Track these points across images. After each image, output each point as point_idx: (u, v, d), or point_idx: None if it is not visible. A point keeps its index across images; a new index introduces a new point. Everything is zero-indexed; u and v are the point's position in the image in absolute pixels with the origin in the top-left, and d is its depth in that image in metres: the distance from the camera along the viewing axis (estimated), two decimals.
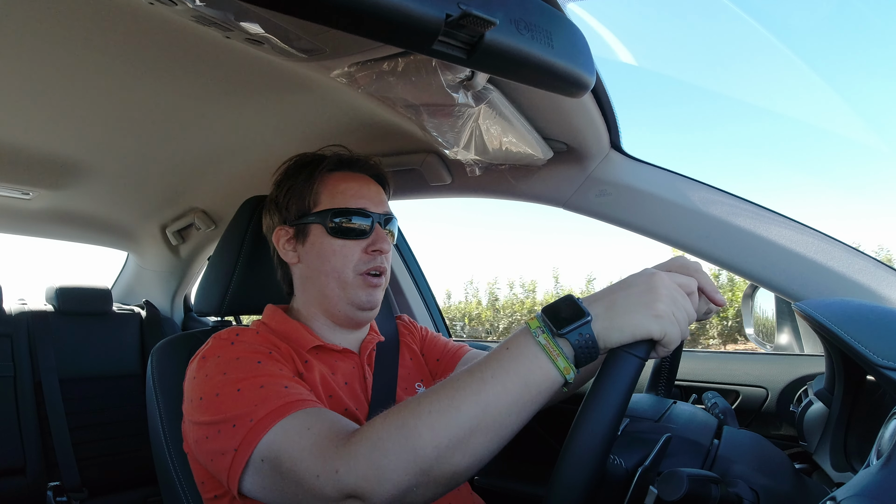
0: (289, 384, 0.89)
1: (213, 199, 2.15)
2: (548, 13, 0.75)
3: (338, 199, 1.11)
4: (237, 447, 0.81)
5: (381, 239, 1.11)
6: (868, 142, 27.65)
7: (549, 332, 0.70)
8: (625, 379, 0.66)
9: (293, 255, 1.14)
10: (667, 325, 0.68)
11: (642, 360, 0.68)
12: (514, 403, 0.69)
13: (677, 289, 0.72)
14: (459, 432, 0.69)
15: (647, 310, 0.68)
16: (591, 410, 0.65)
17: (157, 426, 1.12)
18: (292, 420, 0.81)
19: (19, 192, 1.98)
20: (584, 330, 0.69)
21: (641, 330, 0.68)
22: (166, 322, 2.70)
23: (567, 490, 0.64)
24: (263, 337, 1.02)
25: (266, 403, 0.83)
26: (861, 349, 0.75)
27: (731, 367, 1.57)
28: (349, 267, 1.08)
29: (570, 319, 0.69)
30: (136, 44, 1.05)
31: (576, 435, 0.65)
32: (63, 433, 2.22)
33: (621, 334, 0.68)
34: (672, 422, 0.92)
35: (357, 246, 1.09)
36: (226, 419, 0.84)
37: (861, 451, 0.94)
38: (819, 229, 1.20)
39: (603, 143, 1.32)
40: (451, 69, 0.95)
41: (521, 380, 0.69)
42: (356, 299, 1.09)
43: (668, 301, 0.70)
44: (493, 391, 0.69)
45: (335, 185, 1.12)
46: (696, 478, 0.67)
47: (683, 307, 0.71)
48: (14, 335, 2.28)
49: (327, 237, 1.09)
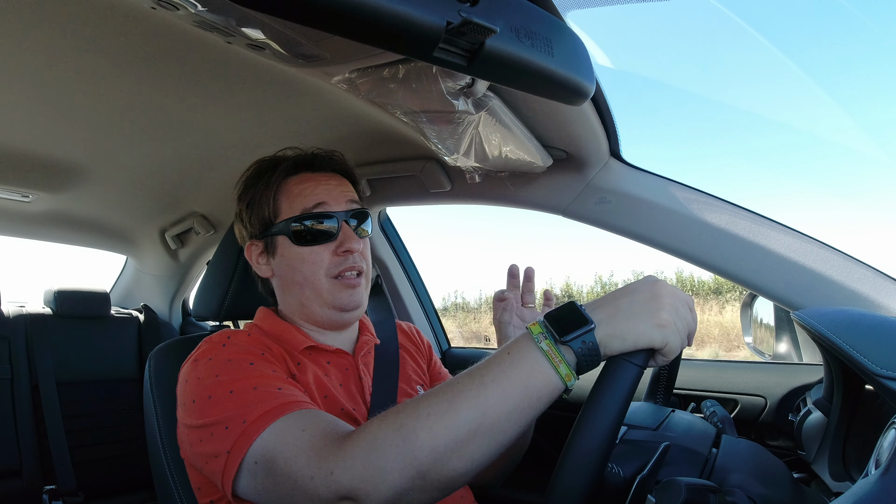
0: (282, 385, 0.88)
1: (212, 204, 2.16)
2: (548, 21, 0.76)
3: (297, 203, 1.06)
4: (230, 449, 0.80)
5: (350, 238, 1.06)
6: (864, 149, 27.72)
7: (552, 339, 0.69)
8: (624, 387, 0.66)
9: (266, 268, 1.11)
10: (669, 334, 0.68)
11: (641, 368, 0.68)
12: (514, 409, 0.68)
13: (680, 298, 0.72)
14: (458, 436, 0.68)
15: (651, 318, 0.68)
16: (590, 419, 0.65)
17: (153, 431, 1.12)
18: (286, 421, 0.80)
19: (19, 195, 1.98)
20: (587, 338, 0.68)
21: (644, 339, 0.67)
22: (164, 326, 2.69)
23: (565, 498, 0.63)
24: (255, 338, 1.01)
25: (259, 405, 0.82)
26: (860, 358, 0.75)
27: (729, 376, 1.57)
28: (320, 273, 1.05)
29: (574, 326, 0.68)
30: (137, 48, 1.05)
31: (574, 443, 0.65)
32: (60, 436, 2.22)
33: (623, 343, 0.68)
34: (670, 430, 0.92)
35: (325, 250, 1.05)
36: (218, 421, 0.83)
37: (859, 460, 0.94)
38: (818, 238, 1.20)
39: (602, 150, 1.32)
40: (451, 76, 0.96)
41: (522, 385, 0.68)
42: (336, 302, 1.06)
43: (671, 310, 0.69)
44: (493, 396, 0.68)
45: (293, 190, 1.07)
46: (693, 487, 0.67)
47: (685, 317, 0.71)
48: (12, 338, 2.27)
49: (293, 246, 1.05)
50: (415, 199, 1.71)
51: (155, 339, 2.57)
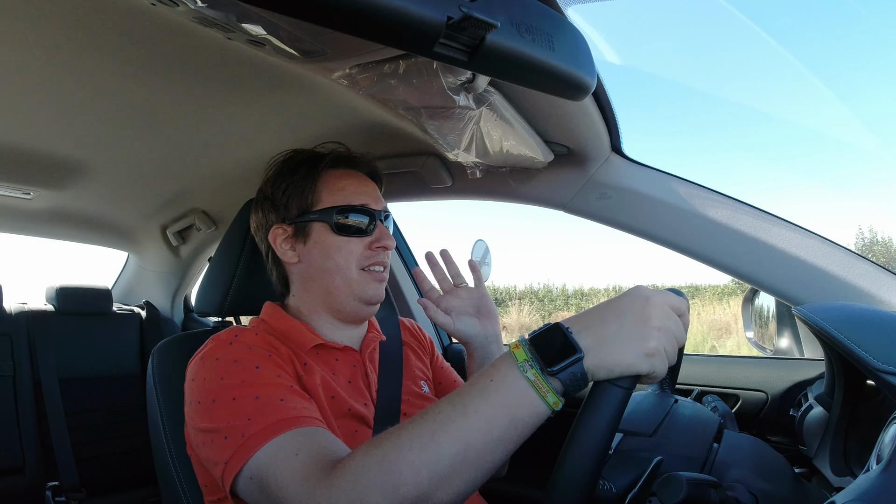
0: (285, 396, 0.88)
1: (213, 200, 2.15)
2: (549, 16, 0.75)
3: (339, 196, 1.11)
4: (227, 461, 0.81)
5: (385, 235, 1.13)
6: (862, 142, 27.71)
7: (539, 368, 0.66)
8: (611, 411, 0.65)
9: (292, 254, 1.13)
10: (656, 363, 0.66)
11: (629, 390, 0.66)
12: (499, 439, 0.66)
13: (670, 314, 0.69)
14: (442, 470, 0.66)
15: (639, 347, 0.65)
16: (578, 443, 0.64)
17: (157, 426, 1.12)
18: (282, 442, 0.80)
19: (20, 192, 1.98)
20: (575, 368, 0.65)
21: (632, 369, 0.65)
22: (166, 322, 2.70)
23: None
24: (262, 338, 1.01)
25: (259, 418, 0.82)
26: (861, 353, 0.75)
27: (730, 371, 1.57)
28: (352, 263, 1.09)
29: (561, 355, 0.66)
30: (137, 44, 1.05)
31: (563, 468, 0.64)
32: (62, 433, 2.23)
33: (610, 373, 0.65)
34: (667, 436, 0.91)
35: (360, 242, 1.11)
36: (219, 429, 0.84)
37: (861, 455, 0.94)
38: (819, 233, 1.20)
39: (604, 145, 1.32)
40: (452, 71, 0.95)
41: (508, 416, 0.66)
42: (362, 294, 1.10)
43: (660, 335, 0.66)
44: (477, 427, 0.66)
45: (336, 183, 1.12)
46: (695, 482, 0.67)
47: (674, 333, 0.68)
48: (14, 335, 2.28)
49: (332, 234, 1.09)
50: (416, 195, 1.71)
51: (157, 336, 2.58)
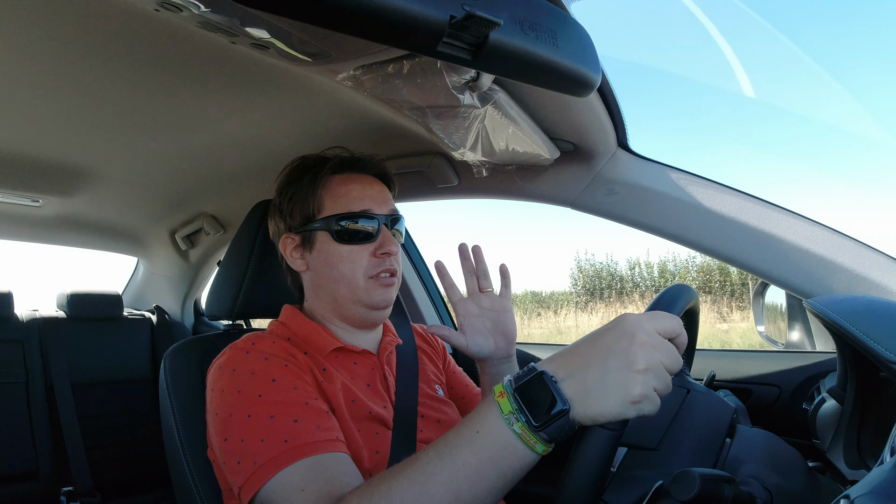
0: (300, 416, 0.88)
1: (221, 204, 2.16)
2: (552, 13, 0.75)
3: (341, 202, 1.09)
4: (241, 485, 0.84)
5: (389, 241, 1.09)
6: (875, 135, 27.43)
7: (525, 422, 0.65)
8: (599, 455, 0.63)
9: (301, 262, 1.13)
10: (644, 407, 0.62)
11: (618, 432, 0.64)
12: (489, 489, 0.66)
13: (658, 345, 0.64)
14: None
15: (623, 396, 0.62)
16: (569, 488, 0.63)
17: (171, 430, 1.13)
18: (291, 474, 0.82)
19: (29, 200, 1.99)
20: (562, 422, 0.63)
21: (618, 418, 0.63)
22: (177, 326, 2.72)
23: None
24: (280, 346, 1.01)
25: (271, 443, 0.84)
26: (873, 346, 0.75)
27: (742, 365, 1.57)
28: (359, 272, 1.07)
29: (547, 408, 0.64)
30: (142, 50, 1.05)
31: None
32: (75, 438, 2.24)
33: (595, 422, 0.64)
34: (672, 449, 0.88)
35: (365, 250, 1.08)
36: (234, 452, 0.86)
37: (875, 448, 0.93)
38: (829, 225, 1.19)
39: (610, 141, 1.32)
40: (456, 70, 0.95)
41: (496, 468, 0.66)
42: (370, 301, 1.08)
43: (646, 378, 0.62)
44: (466, 479, 0.66)
45: (338, 189, 1.10)
46: (708, 477, 0.67)
47: (664, 366, 0.64)
48: (26, 341, 2.30)
49: (334, 243, 1.08)
50: (422, 195, 1.71)
51: (168, 340, 2.60)
